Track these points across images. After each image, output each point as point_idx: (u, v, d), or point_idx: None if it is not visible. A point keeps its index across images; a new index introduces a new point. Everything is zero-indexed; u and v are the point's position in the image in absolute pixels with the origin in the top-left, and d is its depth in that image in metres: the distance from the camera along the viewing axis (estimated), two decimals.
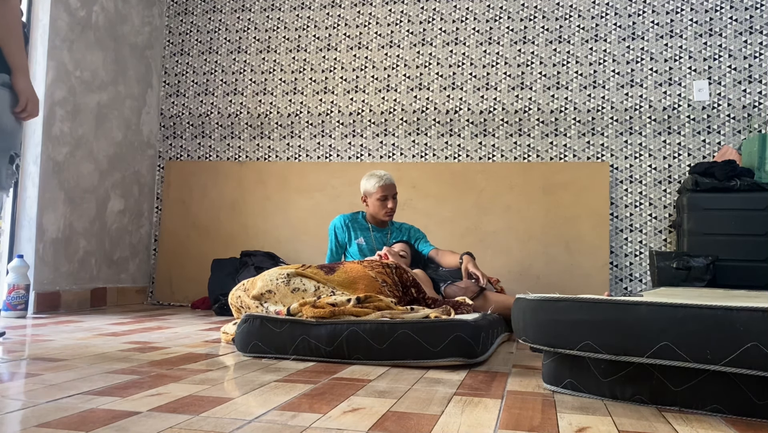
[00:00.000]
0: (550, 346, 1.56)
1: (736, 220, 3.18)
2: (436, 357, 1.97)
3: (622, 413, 1.41)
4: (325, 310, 2.12)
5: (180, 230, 4.35)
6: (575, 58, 3.94)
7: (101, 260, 3.94)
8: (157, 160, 4.49)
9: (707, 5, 3.79)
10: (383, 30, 4.22)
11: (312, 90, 4.29)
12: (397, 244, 3.18)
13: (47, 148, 3.49)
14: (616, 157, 3.83)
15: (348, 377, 1.78)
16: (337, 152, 4.22)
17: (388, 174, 3.29)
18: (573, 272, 3.74)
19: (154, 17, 4.46)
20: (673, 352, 1.37)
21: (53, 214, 3.55)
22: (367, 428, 1.23)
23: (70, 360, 1.91)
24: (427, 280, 2.90)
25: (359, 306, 2.17)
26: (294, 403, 1.43)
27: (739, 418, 1.38)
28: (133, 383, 1.59)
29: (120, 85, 4.10)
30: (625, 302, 1.46)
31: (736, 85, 3.71)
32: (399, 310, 2.20)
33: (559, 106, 3.93)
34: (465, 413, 1.38)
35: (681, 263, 3.10)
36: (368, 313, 2.14)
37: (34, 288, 3.40)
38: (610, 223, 3.79)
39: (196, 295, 4.15)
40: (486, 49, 4.06)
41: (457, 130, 4.06)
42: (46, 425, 1.18)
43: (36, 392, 1.46)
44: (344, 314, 2.11)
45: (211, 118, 4.44)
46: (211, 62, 4.47)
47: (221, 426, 1.20)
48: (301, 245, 4.12)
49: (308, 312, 2.13)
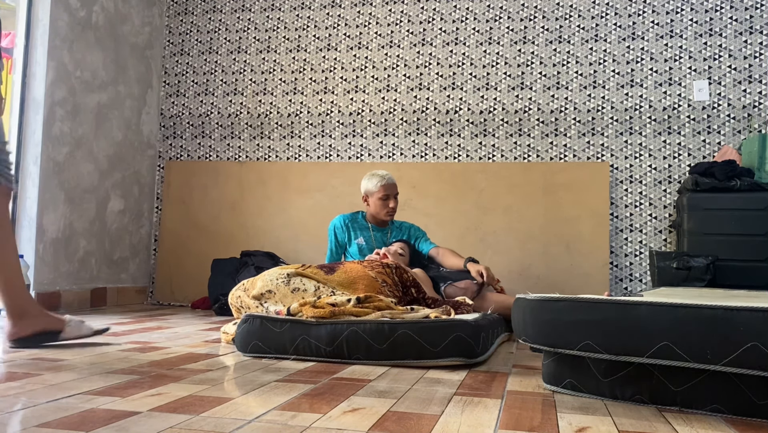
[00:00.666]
0: (550, 346, 1.56)
1: (736, 220, 3.18)
2: (436, 357, 1.97)
3: (622, 413, 1.41)
4: (325, 310, 2.12)
5: (180, 230, 4.35)
6: (575, 58, 3.94)
7: (101, 260, 3.94)
8: (157, 160, 4.49)
9: (707, 5, 3.79)
10: (383, 30, 4.23)
11: (312, 90, 4.29)
12: (395, 243, 3.18)
13: (47, 149, 3.49)
14: (616, 157, 3.83)
15: (348, 377, 1.78)
16: (337, 152, 4.22)
17: (389, 174, 3.29)
18: (573, 272, 3.74)
19: (154, 17, 4.46)
20: (673, 352, 1.37)
21: (53, 214, 3.55)
22: (367, 428, 1.23)
23: (70, 360, 1.91)
24: (427, 280, 2.90)
25: (359, 306, 2.17)
26: (294, 403, 1.43)
27: (739, 418, 1.38)
28: (133, 383, 1.58)
29: (120, 85, 4.10)
30: (625, 302, 1.46)
31: (736, 85, 3.71)
32: (399, 310, 2.20)
33: (559, 106, 3.93)
34: (465, 413, 1.38)
35: (681, 263, 3.10)
36: (368, 313, 2.14)
37: (34, 288, 3.40)
38: (610, 223, 3.79)
39: (196, 295, 4.15)
40: (486, 49, 4.06)
41: (457, 130, 4.06)
42: (46, 425, 1.18)
43: (36, 392, 1.46)
44: (344, 314, 2.11)
45: (211, 118, 4.44)
46: (211, 62, 4.47)
47: (221, 426, 1.20)
48: (301, 245, 4.12)
49: (308, 312, 2.13)
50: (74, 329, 2.23)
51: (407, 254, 3.12)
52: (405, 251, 3.11)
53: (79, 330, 2.25)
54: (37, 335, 2.14)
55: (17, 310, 2.12)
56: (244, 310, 2.42)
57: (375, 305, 2.20)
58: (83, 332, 2.26)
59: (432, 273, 3.03)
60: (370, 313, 2.14)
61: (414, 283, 2.60)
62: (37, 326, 2.14)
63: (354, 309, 2.14)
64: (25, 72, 3.49)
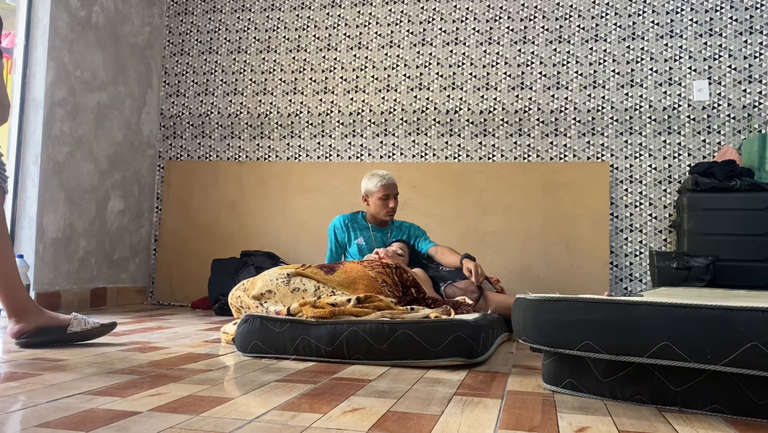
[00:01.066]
0: (550, 346, 1.56)
1: (736, 220, 3.18)
2: (436, 357, 1.97)
3: (622, 413, 1.41)
4: (325, 310, 2.12)
5: (180, 230, 4.35)
6: (575, 58, 3.94)
7: (101, 260, 3.94)
8: (157, 160, 4.49)
9: (707, 5, 3.79)
10: (383, 30, 4.23)
11: (312, 90, 4.29)
12: (394, 243, 3.17)
13: (47, 149, 3.49)
14: (616, 157, 3.83)
15: (348, 377, 1.78)
16: (337, 152, 4.22)
17: (390, 174, 3.29)
18: (573, 272, 3.74)
19: (154, 17, 4.46)
20: (673, 352, 1.37)
21: (53, 214, 3.55)
22: (367, 428, 1.23)
23: (70, 360, 1.91)
24: (427, 279, 2.90)
25: (359, 306, 2.17)
26: (294, 403, 1.43)
27: (739, 418, 1.38)
28: (133, 383, 1.59)
29: (120, 85, 4.10)
30: (625, 302, 1.46)
31: (736, 85, 3.71)
32: (399, 310, 2.20)
33: (559, 106, 3.93)
34: (465, 413, 1.38)
35: (681, 263, 3.10)
36: (368, 313, 2.14)
37: (34, 288, 3.40)
38: (610, 223, 3.79)
39: (196, 295, 4.15)
40: (486, 49, 4.06)
41: (457, 130, 4.06)
42: (46, 425, 1.18)
43: (36, 392, 1.46)
44: (344, 314, 2.11)
45: (211, 118, 4.44)
46: (211, 62, 4.47)
47: (221, 426, 1.20)
48: (301, 245, 4.12)
49: (308, 312, 2.13)
50: (81, 322, 2.22)
51: (406, 254, 3.12)
52: (404, 251, 3.11)
53: (86, 324, 2.24)
54: (41, 329, 2.14)
55: (17, 308, 2.12)
56: (244, 310, 2.42)
57: (375, 305, 2.20)
58: (89, 326, 2.25)
59: (431, 273, 3.03)
60: (370, 313, 2.14)
61: (414, 283, 2.60)
62: (39, 321, 2.14)
63: (354, 309, 2.14)
64: (25, 72, 3.49)
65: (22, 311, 2.13)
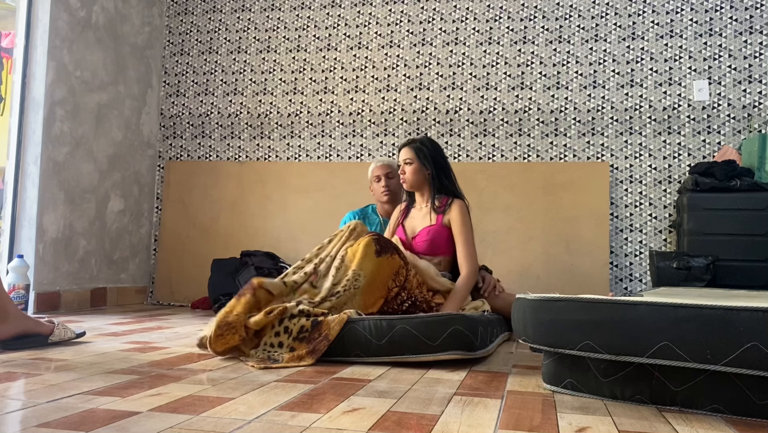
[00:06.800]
0: (550, 346, 1.56)
1: (736, 220, 3.18)
2: (436, 351, 1.97)
3: (622, 413, 1.41)
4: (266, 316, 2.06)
5: (180, 230, 4.35)
6: (575, 58, 3.94)
7: (101, 260, 3.94)
8: (157, 160, 4.49)
9: (707, 5, 3.79)
10: (383, 30, 4.22)
11: (312, 90, 4.29)
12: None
13: (47, 148, 3.49)
14: (616, 157, 3.83)
15: (348, 377, 1.78)
16: (337, 152, 4.22)
17: (388, 158, 3.29)
18: (573, 272, 3.74)
19: (154, 17, 4.46)
20: (673, 352, 1.36)
21: (53, 214, 3.55)
22: (367, 428, 1.23)
23: (70, 360, 1.91)
24: (435, 272, 2.78)
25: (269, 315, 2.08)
26: (294, 403, 1.43)
27: (739, 418, 1.38)
28: (133, 383, 1.58)
29: (120, 85, 4.10)
30: (625, 302, 1.46)
31: (736, 85, 3.71)
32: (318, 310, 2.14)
33: (559, 106, 3.93)
34: (465, 413, 1.38)
35: (681, 263, 3.10)
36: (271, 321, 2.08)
37: (34, 288, 3.40)
38: (610, 223, 3.79)
39: (196, 295, 4.15)
40: (486, 49, 4.06)
41: (457, 130, 4.06)
42: (46, 425, 1.18)
43: (36, 392, 1.46)
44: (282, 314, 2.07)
45: (211, 118, 4.44)
46: (211, 62, 4.47)
47: (221, 426, 1.20)
48: (301, 245, 4.11)
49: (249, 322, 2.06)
50: (62, 331, 2.25)
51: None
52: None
53: (65, 333, 2.26)
54: (20, 337, 2.11)
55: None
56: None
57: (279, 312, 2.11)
58: (68, 336, 2.27)
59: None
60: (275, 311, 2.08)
61: (409, 297, 2.49)
62: (19, 328, 2.12)
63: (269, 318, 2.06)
64: (25, 72, 3.49)
65: (4, 315, 2.11)
